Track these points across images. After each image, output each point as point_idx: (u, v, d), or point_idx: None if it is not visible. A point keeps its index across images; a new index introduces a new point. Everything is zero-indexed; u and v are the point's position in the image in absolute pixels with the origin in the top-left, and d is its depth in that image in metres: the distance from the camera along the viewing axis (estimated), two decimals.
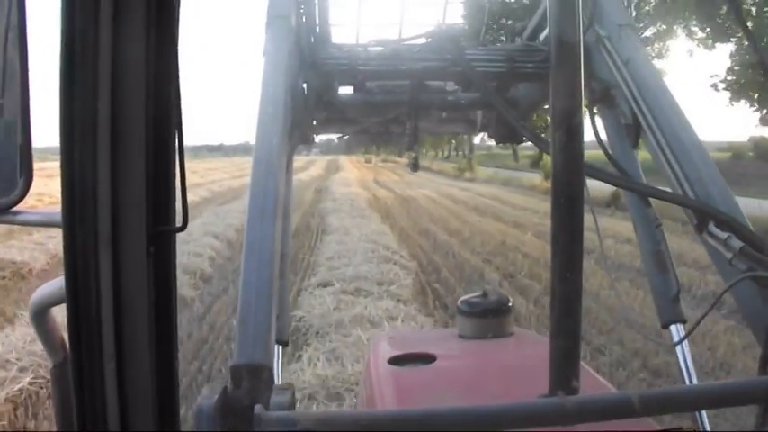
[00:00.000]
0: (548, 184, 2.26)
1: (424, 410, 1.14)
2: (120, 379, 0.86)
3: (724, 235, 1.67)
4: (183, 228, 0.88)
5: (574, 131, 1.37)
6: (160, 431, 0.89)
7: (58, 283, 1.22)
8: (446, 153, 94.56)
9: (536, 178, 36.24)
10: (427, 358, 2.14)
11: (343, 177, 48.52)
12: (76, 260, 0.84)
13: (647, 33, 36.36)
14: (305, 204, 25.19)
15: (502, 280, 11.77)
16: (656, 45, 35.59)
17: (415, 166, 3.40)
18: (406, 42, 2.69)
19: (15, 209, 1.09)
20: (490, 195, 30.89)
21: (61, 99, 0.81)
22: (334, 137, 3.44)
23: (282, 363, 2.09)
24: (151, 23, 0.82)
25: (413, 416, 1.08)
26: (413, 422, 1.05)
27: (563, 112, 1.36)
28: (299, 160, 71.99)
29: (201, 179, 43.79)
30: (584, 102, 1.46)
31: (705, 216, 1.75)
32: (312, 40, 2.61)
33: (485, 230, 17.94)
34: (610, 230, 14.46)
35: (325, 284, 10.60)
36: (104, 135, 0.82)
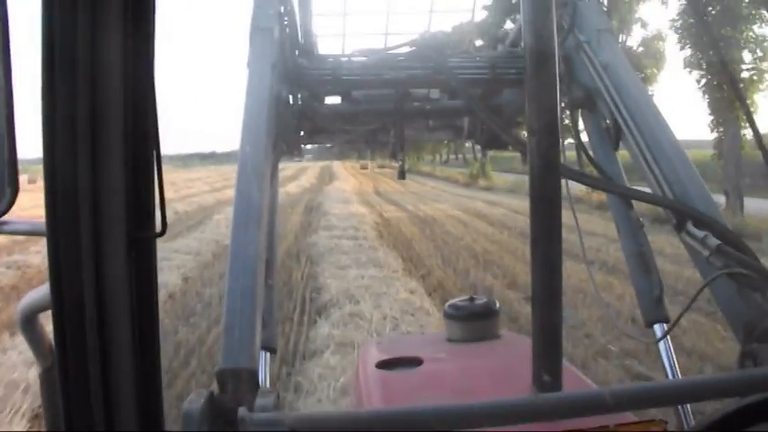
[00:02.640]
0: (599, 197, 2.28)
1: (405, 410, 1.17)
2: (105, 382, 0.89)
3: (702, 234, 1.72)
4: (163, 233, 0.91)
5: (550, 135, 1.41)
6: (145, 431, 0.91)
7: (45, 289, 1.24)
8: (444, 157, 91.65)
9: (573, 186, 14.21)
10: (414, 362, 2.16)
11: (338, 189, 40.26)
12: (61, 267, 0.86)
13: None
14: (289, 236, 17.28)
15: None
16: None
17: (401, 174, 3.44)
18: (391, 51, 2.73)
19: (2, 219, 1.12)
20: None
21: (43, 112, 0.84)
22: (327, 143, 3.49)
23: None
24: (128, 35, 0.85)
25: (394, 415, 1.11)
26: (394, 421, 1.08)
27: (539, 116, 1.40)
28: (289, 168, 64.54)
29: (175, 194, 35.92)
30: (565, 106, 1.52)
31: (684, 215, 1.79)
32: (296, 52, 2.64)
33: (577, 286, 9.70)
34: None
35: None
36: (85, 146, 0.85)
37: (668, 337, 2.13)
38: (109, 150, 0.86)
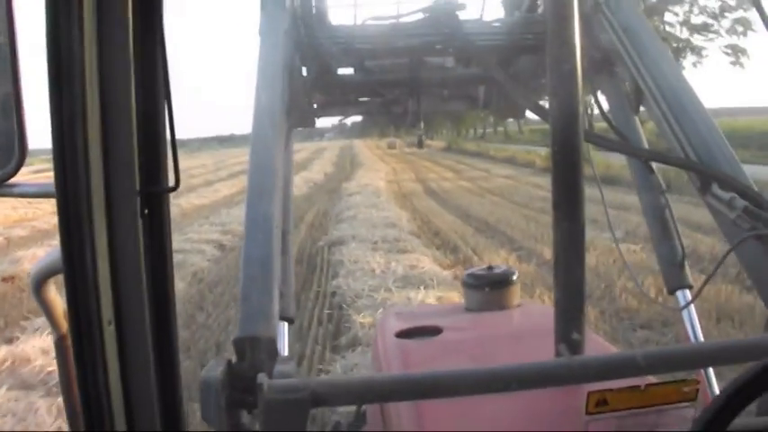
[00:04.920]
0: None
1: (430, 374, 1.13)
2: (120, 346, 0.86)
3: (727, 196, 1.68)
4: (176, 187, 0.88)
5: (571, 98, 1.39)
6: (162, 395, 0.90)
7: (57, 252, 1.22)
8: (480, 131, 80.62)
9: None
10: (434, 331, 2.15)
11: (366, 187, 24.18)
12: (71, 228, 0.84)
13: None
14: None
15: None
16: None
17: (420, 143, 3.42)
18: (403, 19, 2.68)
19: (11, 181, 1.10)
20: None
21: (49, 67, 0.81)
22: (348, 122, 3.46)
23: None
24: None
25: (417, 380, 1.08)
26: (417, 386, 1.05)
27: (560, 79, 1.39)
28: (303, 149, 59.30)
29: None
30: (584, 70, 1.49)
31: (708, 178, 1.75)
32: (308, 21, 2.61)
33: None
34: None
35: None
36: (93, 102, 0.82)
37: (692, 303, 2.10)
38: (118, 103, 0.83)
